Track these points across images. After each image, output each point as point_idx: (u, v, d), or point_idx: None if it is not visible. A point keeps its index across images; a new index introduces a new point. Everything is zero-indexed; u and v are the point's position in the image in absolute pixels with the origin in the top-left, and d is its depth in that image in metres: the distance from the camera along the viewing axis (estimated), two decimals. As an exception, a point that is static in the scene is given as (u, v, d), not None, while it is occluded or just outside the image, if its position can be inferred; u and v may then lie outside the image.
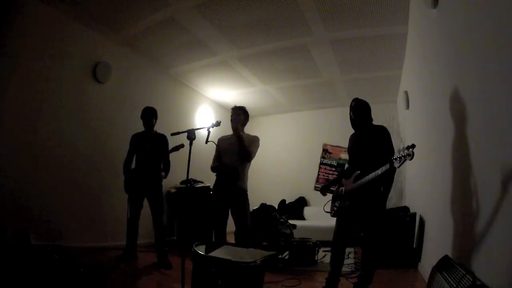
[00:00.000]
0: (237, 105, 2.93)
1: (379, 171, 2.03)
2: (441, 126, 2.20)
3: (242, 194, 2.73)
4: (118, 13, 3.27)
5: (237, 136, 2.69)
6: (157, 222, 3.05)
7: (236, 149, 2.70)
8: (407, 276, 2.83)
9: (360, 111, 2.37)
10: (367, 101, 2.45)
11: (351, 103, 2.43)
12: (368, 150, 2.23)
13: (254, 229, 3.39)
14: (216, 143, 2.33)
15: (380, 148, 2.18)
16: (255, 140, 2.80)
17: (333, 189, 2.56)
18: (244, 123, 2.87)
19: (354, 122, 2.41)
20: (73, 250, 2.87)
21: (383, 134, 2.25)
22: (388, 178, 2.16)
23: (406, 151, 1.83)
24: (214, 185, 2.83)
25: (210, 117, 5.72)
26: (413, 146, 1.81)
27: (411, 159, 1.82)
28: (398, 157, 1.88)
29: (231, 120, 2.80)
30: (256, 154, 2.86)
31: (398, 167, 1.92)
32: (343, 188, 2.40)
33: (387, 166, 1.96)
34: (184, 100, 5.19)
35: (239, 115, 2.83)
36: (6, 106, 2.77)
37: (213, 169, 2.84)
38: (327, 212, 2.54)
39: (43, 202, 2.98)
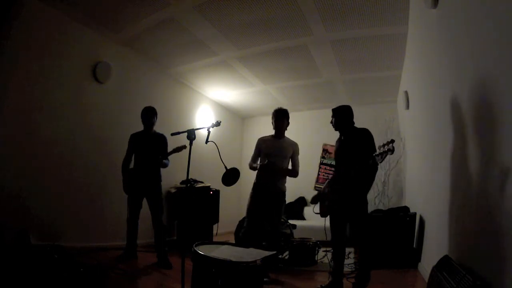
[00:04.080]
0: (279, 107, 3.05)
1: (358, 169, 2.19)
2: (441, 126, 2.20)
3: (281, 195, 2.92)
4: (118, 13, 3.27)
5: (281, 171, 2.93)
6: (156, 222, 3.05)
7: (279, 153, 2.90)
8: (407, 276, 2.83)
9: (340, 117, 2.48)
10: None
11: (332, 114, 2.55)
12: (352, 152, 2.32)
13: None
14: (215, 143, 2.35)
15: (363, 150, 2.27)
16: (298, 150, 3.02)
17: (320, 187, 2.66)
18: (286, 128, 3.04)
19: (335, 127, 2.52)
20: (73, 250, 2.86)
21: (365, 136, 2.34)
22: (370, 174, 2.29)
23: (386, 146, 1.93)
24: (255, 184, 2.97)
25: (210, 117, 5.72)
26: (392, 141, 1.91)
27: (391, 154, 1.92)
28: (379, 153, 1.97)
29: (277, 125, 2.96)
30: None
31: (380, 162, 2.02)
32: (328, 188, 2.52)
33: (369, 162, 2.11)
34: (184, 100, 5.19)
35: (284, 121, 3.00)
36: (6, 106, 2.77)
37: (254, 167, 2.98)
38: (317, 213, 2.63)
39: (43, 202, 2.98)
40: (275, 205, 2.89)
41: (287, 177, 3.01)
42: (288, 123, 3.05)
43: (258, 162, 2.99)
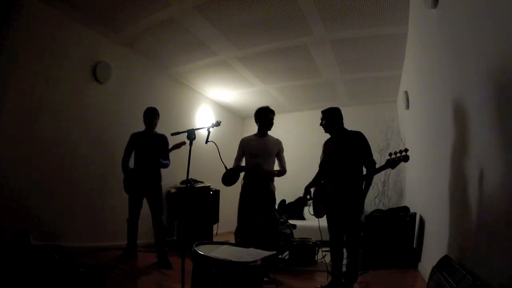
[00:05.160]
0: (265, 106, 3.04)
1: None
2: (441, 126, 2.20)
3: (271, 194, 2.89)
4: (118, 13, 3.27)
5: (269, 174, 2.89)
6: (156, 222, 3.05)
7: (265, 152, 2.87)
8: (407, 276, 2.83)
9: (329, 119, 2.53)
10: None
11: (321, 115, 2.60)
12: (347, 153, 2.35)
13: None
14: (215, 143, 2.35)
15: (359, 152, 2.32)
16: (282, 147, 2.99)
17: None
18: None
19: (326, 128, 2.56)
20: (73, 250, 2.86)
21: (360, 139, 2.38)
22: (369, 179, 2.32)
23: (399, 154, 2.00)
24: (243, 185, 2.93)
25: (210, 117, 5.72)
26: (406, 150, 1.98)
27: (406, 162, 1.99)
28: (392, 159, 2.02)
29: (269, 123, 2.95)
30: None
31: (393, 168, 2.09)
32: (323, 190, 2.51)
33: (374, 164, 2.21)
34: (184, 100, 5.19)
35: (272, 119, 2.98)
36: (6, 106, 2.77)
37: (238, 169, 2.95)
38: (312, 214, 2.62)
39: (43, 202, 2.98)
40: (267, 206, 2.86)
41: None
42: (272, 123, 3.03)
43: (243, 164, 2.98)
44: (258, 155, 2.87)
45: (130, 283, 2.45)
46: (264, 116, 2.95)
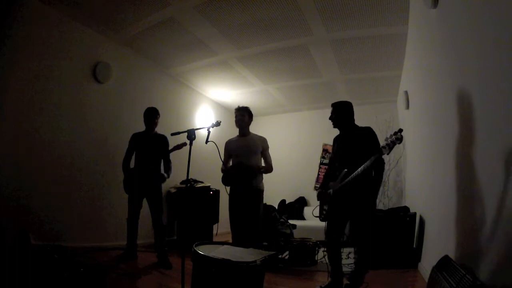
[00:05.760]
0: (241, 105, 3.03)
1: (367, 162, 2.06)
2: (441, 126, 2.20)
3: (258, 193, 2.87)
4: (118, 13, 3.27)
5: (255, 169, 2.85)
6: (156, 222, 3.05)
7: (248, 150, 2.85)
8: (407, 276, 2.83)
9: (340, 113, 2.42)
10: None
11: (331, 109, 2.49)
12: (356, 150, 2.25)
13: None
14: (215, 143, 2.36)
15: (368, 148, 2.20)
16: (267, 145, 2.98)
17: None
18: (248, 124, 3.00)
19: (335, 123, 2.44)
20: (73, 250, 2.86)
21: (370, 134, 2.29)
22: (378, 170, 2.22)
23: (393, 136, 1.89)
24: (231, 187, 2.92)
25: (210, 117, 5.72)
26: (400, 130, 1.88)
27: (400, 143, 1.88)
28: (386, 144, 1.93)
29: (236, 121, 2.96)
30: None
31: (388, 153, 1.97)
32: (330, 190, 2.42)
33: (376, 156, 2.01)
34: (184, 100, 5.19)
35: (244, 116, 2.95)
36: (6, 106, 2.77)
37: (225, 170, 2.94)
38: (316, 216, 2.56)
39: (43, 202, 2.98)
40: (253, 205, 2.82)
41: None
42: (250, 119, 3.02)
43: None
44: (240, 155, 2.86)
45: (130, 283, 2.45)
46: (238, 116, 2.99)
